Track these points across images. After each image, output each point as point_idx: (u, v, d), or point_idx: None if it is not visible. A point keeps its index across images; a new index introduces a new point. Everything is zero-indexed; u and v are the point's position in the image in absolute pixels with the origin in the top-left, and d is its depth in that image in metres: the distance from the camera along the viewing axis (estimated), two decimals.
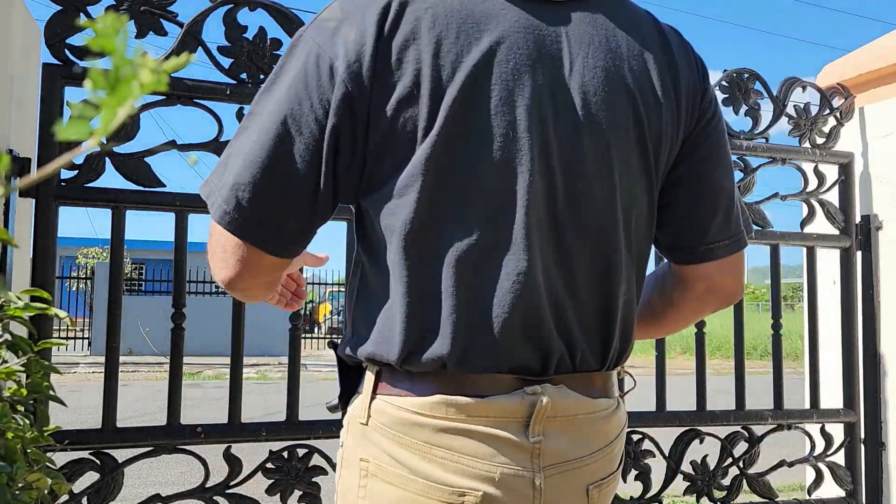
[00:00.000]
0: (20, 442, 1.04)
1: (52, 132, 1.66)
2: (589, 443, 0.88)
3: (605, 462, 0.92)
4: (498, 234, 0.81)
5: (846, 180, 2.52)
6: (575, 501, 0.88)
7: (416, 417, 0.83)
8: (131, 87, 0.37)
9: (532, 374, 0.84)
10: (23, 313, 1.10)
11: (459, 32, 0.81)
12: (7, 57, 1.64)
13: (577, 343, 0.86)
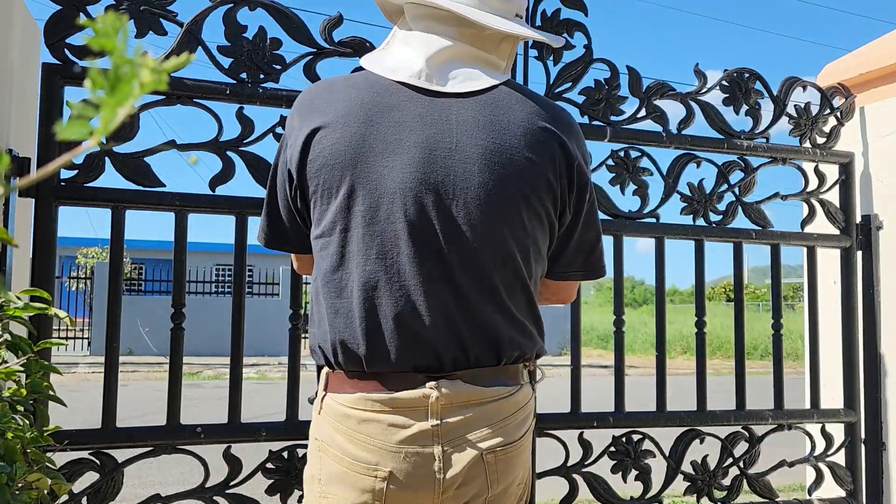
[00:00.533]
0: (20, 442, 1.04)
1: (52, 132, 1.66)
2: (482, 421, 1.11)
3: (501, 434, 1.12)
4: (387, 266, 1.09)
5: (847, 180, 2.52)
6: (473, 465, 1.10)
7: (347, 410, 1.11)
8: (131, 86, 0.37)
9: (433, 371, 1.10)
10: (22, 313, 1.10)
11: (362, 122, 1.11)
12: (7, 56, 1.64)
13: (470, 346, 1.10)
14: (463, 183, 1.09)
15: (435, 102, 1.12)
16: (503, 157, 1.10)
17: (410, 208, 1.08)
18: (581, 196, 1.20)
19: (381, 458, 1.08)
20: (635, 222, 2.24)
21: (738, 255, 2.40)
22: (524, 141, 1.12)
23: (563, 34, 2.14)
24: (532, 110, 1.15)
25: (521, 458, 1.16)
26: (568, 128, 1.18)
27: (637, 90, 2.23)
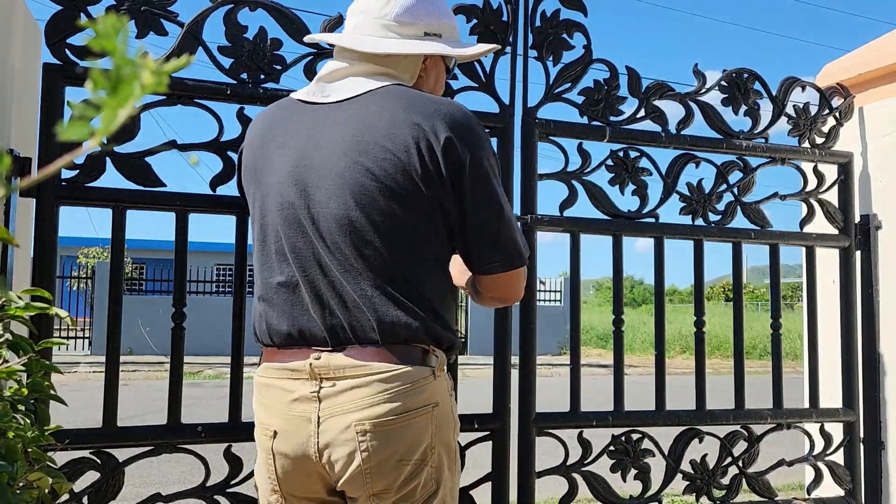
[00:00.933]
0: (21, 441, 1.04)
1: (53, 132, 1.67)
2: (358, 393, 1.20)
3: (377, 407, 1.20)
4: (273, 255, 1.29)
5: (845, 180, 2.52)
6: (344, 434, 1.20)
7: (259, 379, 1.32)
8: (132, 88, 0.37)
9: (321, 345, 1.24)
10: (23, 313, 1.11)
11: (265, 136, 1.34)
12: (8, 57, 1.64)
13: (346, 324, 1.22)
14: (325, 174, 1.24)
15: (317, 111, 1.31)
16: (361, 148, 1.23)
17: (283, 200, 1.27)
18: (459, 176, 1.25)
19: (274, 419, 1.26)
20: (634, 222, 2.25)
21: (737, 255, 2.41)
22: (384, 132, 1.23)
23: (563, 34, 2.14)
24: (399, 105, 1.26)
25: (405, 435, 1.22)
26: (433, 114, 1.25)
27: (636, 90, 2.23)
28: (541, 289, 16.69)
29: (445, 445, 1.28)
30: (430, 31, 1.38)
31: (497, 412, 2.03)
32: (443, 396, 1.28)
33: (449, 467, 1.30)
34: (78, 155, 0.42)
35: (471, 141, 1.26)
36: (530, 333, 2.09)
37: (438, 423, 1.26)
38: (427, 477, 1.25)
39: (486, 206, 1.28)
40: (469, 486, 2.00)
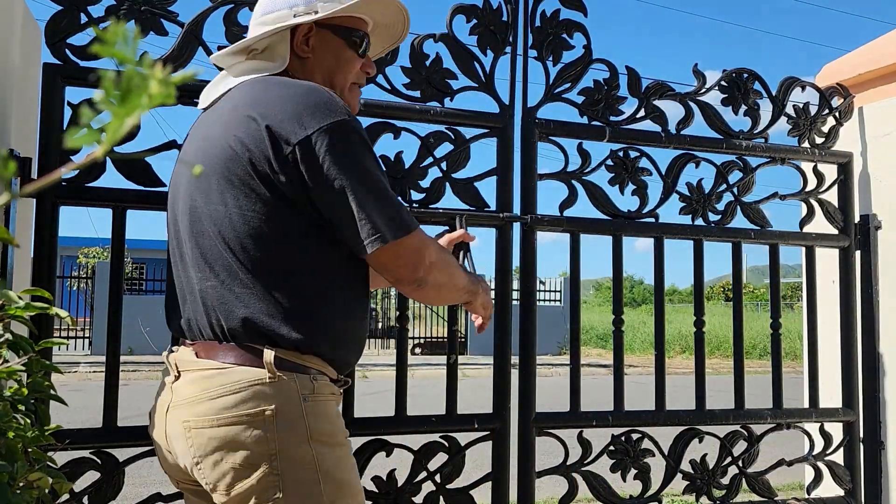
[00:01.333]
0: (21, 441, 1.04)
1: (53, 132, 1.67)
2: (189, 390, 1.22)
3: (199, 405, 1.18)
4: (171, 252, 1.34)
5: (845, 180, 2.52)
6: (179, 427, 1.21)
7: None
8: (141, 97, 0.37)
9: (186, 338, 1.28)
10: (24, 313, 1.11)
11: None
12: (8, 57, 1.64)
13: (192, 319, 1.25)
14: (185, 178, 1.29)
15: (199, 118, 1.35)
16: (207, 145, 1.24)
17: (171, 206, 1.34)
18: (295, 163, 1.17)
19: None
20: (634, 222, 2.25)
21: (736, 255, 2.41)
22: (223, 128, 1.22)
23: (563, 34, 2.14)
24: (242, 99, 1.24)
25: (225, 437, 1.15)
26: (260, 102, 1.21)
27: (636, 90, 2.23)
28: (541, 289, 16.69)
29: (290, 459, 1.16)
30: (300, 12, 1.31)
31: (497, 412, 2.04)
32: (285, 403, 1.17)
33: (302, 481, 1.17)
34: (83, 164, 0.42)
35: (304, 123, 1.17)
36: (530, 333, 2.09)
37: (277, 431, 1.15)
38: (264, 485, 1.15)
39: (331, 185, 1.18)
40: (469, 486, 2.00)
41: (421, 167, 2.02)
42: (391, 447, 1.92)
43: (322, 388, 1.23)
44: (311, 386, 1.21)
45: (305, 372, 1.21)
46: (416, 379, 8.32)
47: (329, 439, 1.21)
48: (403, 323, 1.99)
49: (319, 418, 1.21)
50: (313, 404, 1.20)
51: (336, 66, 1.36)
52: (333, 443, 1.22)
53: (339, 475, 1.21)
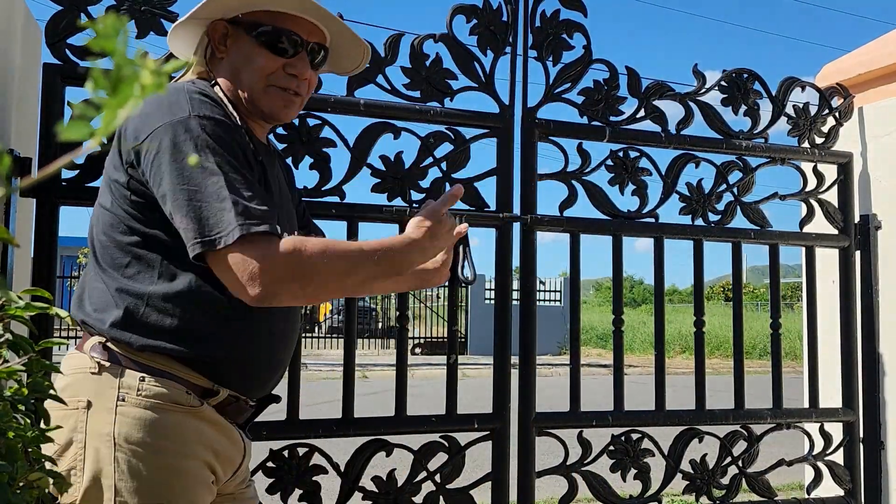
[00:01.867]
0: (21, 441, 1.04)
1: (53, 132, 1.67)
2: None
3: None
4: None
5: (845, 180, 2.52)
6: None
7: None
8: (132, 88, 0.37)
9: None
10: (24, 313, 1.10)
11: None
12: (8, 57, 1.64)
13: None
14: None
15: None
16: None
17: None
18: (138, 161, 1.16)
19: None
20: (634, 222, 2.25)
21: (736, 255, 2.41)
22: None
23: (563, 34, 2.14)
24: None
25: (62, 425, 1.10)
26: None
27: (636, 91, 2.23)
28: (541, 289, 16.69)
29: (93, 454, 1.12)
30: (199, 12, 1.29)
31: (497, 412, 2.04)
32: (104, 400, 1.13)
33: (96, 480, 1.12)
34: (78, 155, 0.42)
35: (146, 122, 1.15)
36: (530, 333, 2.09)
37: (90, 427, 1.13)
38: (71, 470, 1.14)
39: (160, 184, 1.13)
40: (469, 486, 2.00)
41: (421, 167, 2.02)
42: (391, 447, 1.92)
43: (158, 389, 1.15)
44: (136, 385, 1.15)
45: (138, 370, 1.16)
46: (416, 379, 8.32)
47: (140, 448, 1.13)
48: (403, 323, 1.99)
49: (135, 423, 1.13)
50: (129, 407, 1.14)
51: (243, 65, 1.27)
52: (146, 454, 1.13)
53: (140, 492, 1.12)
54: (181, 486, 1.16)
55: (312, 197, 1.90)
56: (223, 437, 1.23)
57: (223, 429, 1.23)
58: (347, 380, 1.91)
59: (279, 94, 1.29)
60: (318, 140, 1.91)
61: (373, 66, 1.92)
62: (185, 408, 1.17)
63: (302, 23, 1.29)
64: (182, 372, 1.18)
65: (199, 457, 1.18)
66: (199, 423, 1.19)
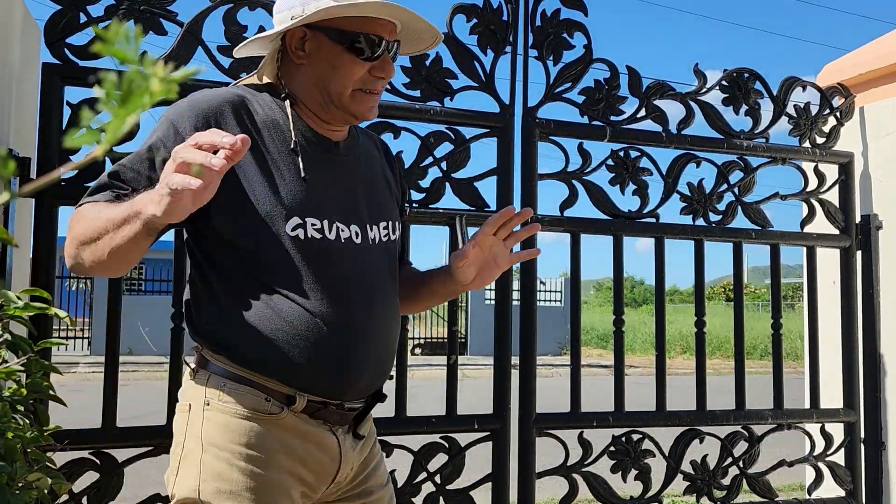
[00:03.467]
0: (20, 441, 1.04)
1: (52, 132, 1.66)
2: None
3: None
4: None
5: (846, 180, 2.52)
6: None
7: None
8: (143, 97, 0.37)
9: None
10: (23, 313, 1.10)
11: None
12: (7, 56, 1.64)
13: None
14: None
15: None
16: None
17: None
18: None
19: None
20: (635, 222, 2.24)
21: (737, 255, 2.41)
22: None
23: (563, 34, 2.14)
24: None
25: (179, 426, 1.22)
26: None
27: (637, 90, 2.23)
28: (541, 289, 16.69)
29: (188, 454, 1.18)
30: (296, 15, 1.23)
31: (497, 412, 2.03)
32: (198, 404, 1.19)
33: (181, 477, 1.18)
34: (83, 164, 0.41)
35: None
36: (530, 333, 2.09)
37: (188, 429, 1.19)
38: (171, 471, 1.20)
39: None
40: (469, 487, 2.00)
41: (421, 167, 2.01)
42: (391, 448, 1.92)
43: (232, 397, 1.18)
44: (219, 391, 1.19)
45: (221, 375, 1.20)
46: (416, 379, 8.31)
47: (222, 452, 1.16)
48: (403, 324, 1.99)
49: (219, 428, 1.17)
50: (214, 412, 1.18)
51: (331, 74, 1.25)
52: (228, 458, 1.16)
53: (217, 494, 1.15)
54: (259, 491, 1.16)
55: None
56: (310, 445, 1.22)
57: (309, 436, 1.22)
58: None
59: (366, 97, 1.29)
60: None
61: None
62: (265, 416, 1.18)
63: (381, 22, 1.27)
64: (261, 379, 1.19)
65: (280, 465, 1.18)
66: (280, 431, 1.19)
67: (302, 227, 1.19)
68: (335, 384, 1.23)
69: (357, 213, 1.28)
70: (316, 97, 1.28)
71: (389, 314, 1.31)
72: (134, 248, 1.08)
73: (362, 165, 1.36)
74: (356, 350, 1.23)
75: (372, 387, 1.30)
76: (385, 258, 1.31)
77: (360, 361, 1.24)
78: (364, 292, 1.25)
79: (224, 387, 1.18)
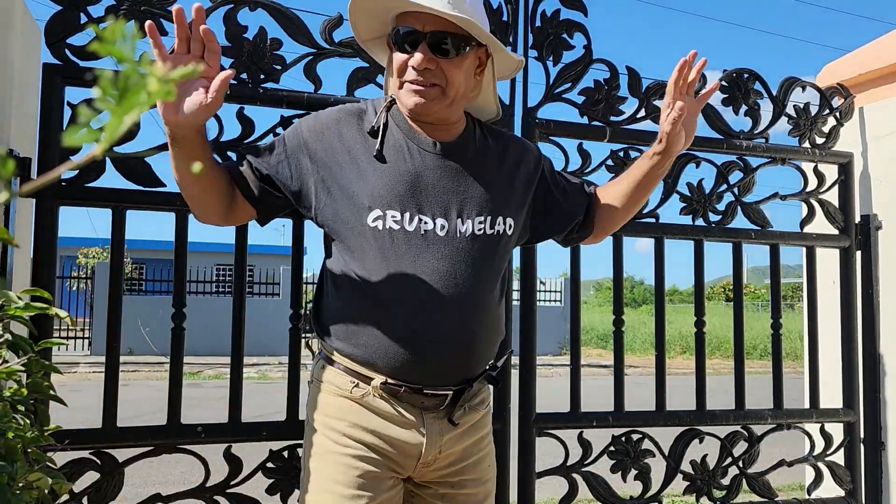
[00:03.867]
0: (21, 441, 1.04)
1: (53, 132, 1.67)
2: None
3: None
4: None
5: (846, 180, 2.52)
6: None
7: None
8: (140, 96, 0.37)
9: None
10: (23, 313, 1.10)
11: None
12: (7, 56, 1.64)
13: None
14: None
15: None
16: None
17: None
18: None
19: None
20: (634, 222, 2.24)
21: (737, 255, 2.41)
22: None
23: (563, 34, 2.14)
24: None
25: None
26: None
27: (637, 90, 2.23)
28: (541, 289, 16.69)
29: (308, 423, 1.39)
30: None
31: (497, 412, 2.03)
32: (315, 378, 1.41)
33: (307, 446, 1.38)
34: (82, 164, 0.42)
35: None
36: (530, 333, 2.09)
37: (309, 402, 1.42)
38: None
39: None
40: None
41: None
42: None
43: (328, 377, 1.37)
44: (320, 373, 1.40)
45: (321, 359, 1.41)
46: None
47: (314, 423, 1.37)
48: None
49: (314, 403, 1.39)
50: (314, 390, 1.40)
51: (389, 72, 1.43)
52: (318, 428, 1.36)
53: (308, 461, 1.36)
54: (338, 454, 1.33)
55: None
56: (392, 425, 1.34)
57: (391, 417, 1.34)
58: None
59: (408, 88, 1.35)
60: None
61: (372, 66, 1.92)
62: (348, 393, 1.35)
63: (420, 16, 1.32)
64: (345, 361, 1.36)
65: (360, 438, 1.33)
66: (362, 409, 1.34)
67: (381, 219, 1.30)
68: (407, 368, 1.32)
69: (444, 206, 1.35)
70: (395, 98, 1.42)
71: (482, 304, 1.35)
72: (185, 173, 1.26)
73: (472, 163, 1.42)
74: (430, 337, 1.31)
75: (458, 375, 1.36)
76: (478, 250, 1.36)
77: (433, 349, 1.31)
78: (443, 280, 1.30)
79: (323, 369, 1.39)
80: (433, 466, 1.38)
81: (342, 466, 1.31)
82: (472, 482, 1.43)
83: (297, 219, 1.87)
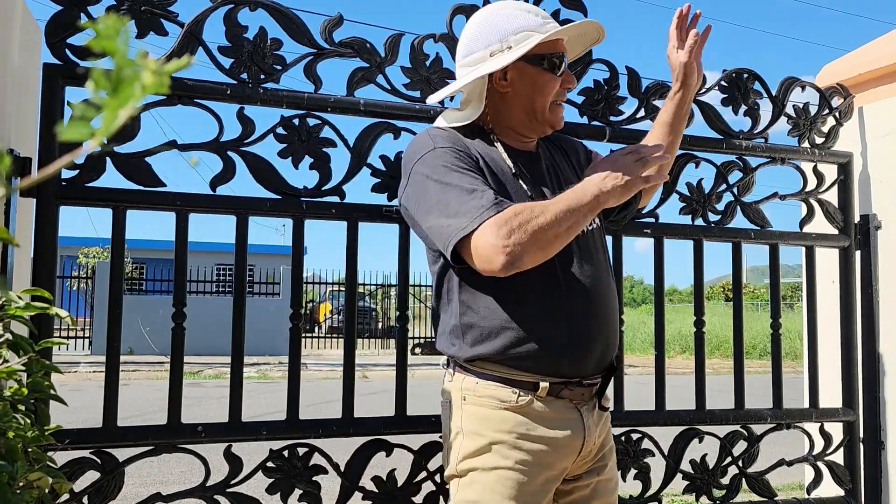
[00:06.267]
0: (21, 441, 1.04)
1: (53, 132, 1.67)
2: None
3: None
4: None
5: (845, 180, 2.52)
6: None
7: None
8: (133, 89, 0.37)
9: None
10: (24, 313, 1.11)
11: None
12: (7, 56, 1.64)
13: None
14: None
15: None
16: None
17: None
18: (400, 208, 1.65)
19: None
20: (634, 222, 2.25)
21: (736, 255, 2.41)
22: None
23: None
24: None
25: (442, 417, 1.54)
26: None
27: (636, 90, 2.23)
28: None
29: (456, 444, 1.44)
30: (495, 51, 1.46)
31: None
32: (457, 401, 1.46)
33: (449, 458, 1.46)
34: (78, 155, 0.42)
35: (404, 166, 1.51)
36: None
37: (452, 423, 1.46)
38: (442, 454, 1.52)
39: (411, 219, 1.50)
40: None
41: None
42: (391, 447, 1.92)
43: (486, 391, 1.42)
44: (473, 388, 1.44)
45: (472, 376, 1.44)
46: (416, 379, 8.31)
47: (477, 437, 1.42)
48: (403, 323, 1.99)
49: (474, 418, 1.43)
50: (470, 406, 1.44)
51: (535, 93, 1.48)
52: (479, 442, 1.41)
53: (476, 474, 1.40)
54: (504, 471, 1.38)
55: (312, 197, 1.90)
56: (555, 430, 1.41)
57: (555, 418, 1.41)
58: (347, 380, 1.91)
59: (559, 108, 1.54)
60: (318, 140, 1.91)
61: (372, 66, 1.92)
62: (513, 405, 1.40)
63: (559, 41, 1.51)
64: (506, 373, 1.41)
65: (525, 449, 1.39)
66: (525, 419, 1.40)
67: None
68: (572, 363, 1.42)
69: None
70: (521, 118, 1.51)
71: (608, 291, 1.52)
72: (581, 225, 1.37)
73: (559, 163, 1.60)
74: (588, 328, 1.43)
75: (604, 361, 1.50)
76: (599, 242, 1.54)
77: (591, 338, 1.44)
78: (586, 276, 1.45)
79: (477, 384, 1.43)
80: (587, 458, 1.49)
81: (510, 482, 1.37)
82: (610, 468, 1.56)
83: (297, 219, 1.87)
